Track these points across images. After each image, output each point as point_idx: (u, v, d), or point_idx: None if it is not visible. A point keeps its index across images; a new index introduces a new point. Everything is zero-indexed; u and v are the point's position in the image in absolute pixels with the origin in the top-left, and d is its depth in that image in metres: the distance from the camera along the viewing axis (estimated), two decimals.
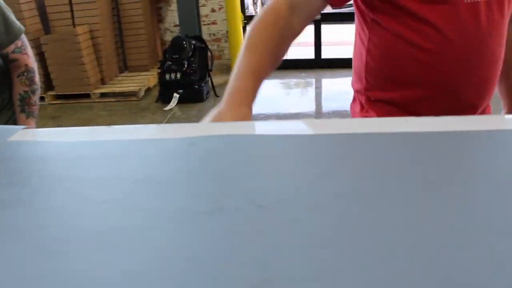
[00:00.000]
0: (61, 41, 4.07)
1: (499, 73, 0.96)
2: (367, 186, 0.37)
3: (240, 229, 0.32)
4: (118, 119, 3.71)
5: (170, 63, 3.92)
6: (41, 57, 4.10)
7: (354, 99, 1.06)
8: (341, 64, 4.66)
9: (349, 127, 0.51)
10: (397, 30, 0.87)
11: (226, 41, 4.89)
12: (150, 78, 4.44)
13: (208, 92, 4.08)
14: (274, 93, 4.28)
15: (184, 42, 3.94)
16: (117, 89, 4.25)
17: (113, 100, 4.16)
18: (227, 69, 4.79)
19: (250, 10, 6.72)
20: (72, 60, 4.07)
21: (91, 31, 4.27)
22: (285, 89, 4.55)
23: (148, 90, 4.35)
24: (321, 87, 4.69)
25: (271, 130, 0.54)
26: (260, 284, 0.26)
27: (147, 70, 4.71)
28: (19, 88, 1.30)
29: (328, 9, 1.02)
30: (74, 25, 4.27)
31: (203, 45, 4.10)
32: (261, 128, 0.57)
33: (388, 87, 0.93)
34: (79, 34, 4.06)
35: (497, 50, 0.93)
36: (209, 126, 0.56)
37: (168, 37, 4.95)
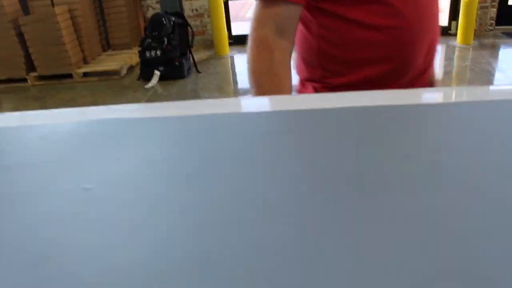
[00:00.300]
0: (40, 21, 4.04)
1: (439, 36, 1.00)
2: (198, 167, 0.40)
3: (65, 211, 0.35)
4: (99, 98, 3.72)
5: (150, 40, 3.90)
6: (20, 38, 4.08)
7: (303, 85, 1.02)
8: None
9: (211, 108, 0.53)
10: (351, 15, 0.86)
11: (209, 16, 4.85)
12: (132, 56, 4.43)
13: (189, 69, 4.08)
14: None
15: (163, 19, 3.91)
16: (99, 68, 4.24)
17: (95, 79, 4.16)
18: (210, 45, 4.77)
19: None
20: (52, 40, 4.05)
21: (70, 10, 4.23)
22: None
23: (131, 68, 4.35)
24: None
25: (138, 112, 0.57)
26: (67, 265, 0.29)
27: (129, 48, 4.69)
28: None
29: None
30: (53, 5, 4.23)
31: (183, 21, 4.07)
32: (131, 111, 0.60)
33: (348, 71, 0.92)
34: (58, 14, 4.03)
35: (437, 15, 0.96)
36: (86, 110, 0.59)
37: (151, 14, 4.90)
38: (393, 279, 0.25)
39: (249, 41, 0.86)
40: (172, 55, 3.86)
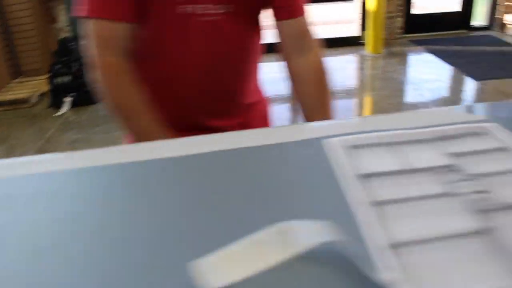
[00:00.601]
0: None
1: (246, 85, 1.01)
2: None
3: None
4: (5, 129, 3.56)
5: (59, 66, 3.79)
6: None
7: None
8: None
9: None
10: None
11: None
12: (44, 83, 4.26)
13: None
14: None
15: (72, 44, 3.81)
16: (7, 97, 4.05)
17: (2, 109, 3.97)
18: None
19: None
20: None
21: None
22: None
23: (42, 95, 4.19)
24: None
25: None
26: None
27: (42, 74, 4.51)
28: None
29: None
30: None
31: None
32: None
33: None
34: None
35: (240, 64, 0.97)
36: None
37: None
38: None
39: (97, 69, 0.86)
40: (83, 81, 3.76)
